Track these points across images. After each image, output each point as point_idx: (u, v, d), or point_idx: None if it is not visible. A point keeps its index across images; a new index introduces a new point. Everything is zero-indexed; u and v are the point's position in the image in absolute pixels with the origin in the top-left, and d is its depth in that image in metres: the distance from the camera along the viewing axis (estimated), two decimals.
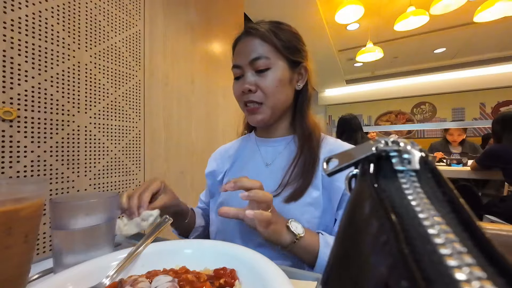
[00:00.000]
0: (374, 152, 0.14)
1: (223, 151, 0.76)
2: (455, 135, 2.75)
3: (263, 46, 0.58)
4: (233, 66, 0.62)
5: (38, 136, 0.79)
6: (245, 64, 0.59)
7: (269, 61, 0.58)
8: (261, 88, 0.58)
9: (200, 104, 1.51)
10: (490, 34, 3.65)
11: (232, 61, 0.64)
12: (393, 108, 5.92)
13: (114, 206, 0.43)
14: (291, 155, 0.62)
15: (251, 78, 0.59)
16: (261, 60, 0.57)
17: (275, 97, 0.59)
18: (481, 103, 5.09)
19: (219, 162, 0.73)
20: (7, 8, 0.72)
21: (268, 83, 0.58)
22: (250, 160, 0.67)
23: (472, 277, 0.07)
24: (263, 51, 0.58)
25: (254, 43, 0.59)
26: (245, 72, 0.60)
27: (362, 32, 3.51)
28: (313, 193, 0.56)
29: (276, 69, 0.58)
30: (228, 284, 0.32)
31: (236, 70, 0.62)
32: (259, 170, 0.63)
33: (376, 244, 0.10)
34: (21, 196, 0.32)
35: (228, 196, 0.63)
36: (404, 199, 0.11)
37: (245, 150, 0.71)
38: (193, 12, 1.46)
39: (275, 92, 0.59)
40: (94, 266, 0.35)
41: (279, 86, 0.59)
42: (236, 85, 0.62)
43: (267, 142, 0.67)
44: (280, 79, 0.58)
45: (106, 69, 0.99)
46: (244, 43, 0.60)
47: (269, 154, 0.65)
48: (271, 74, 0.58)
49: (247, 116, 0.64)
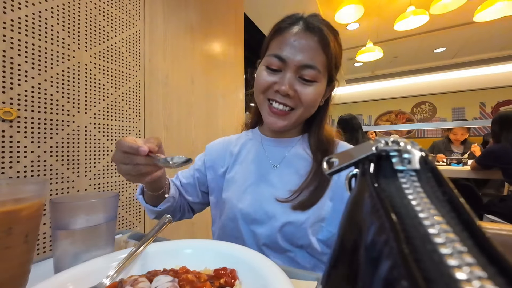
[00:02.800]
0: (374, 152, 0.14)
1: (226, 143, 0.70)
2: (459, 134, 2.76)
3: (320, 56, 0.52)
4: (275, 55, 0.53)
5: (38, 136, 0.79)
6: (293, 63, 0.52)
7: (319, 75, 0.52)
8: (299, 96, 0.53)
9: (200, 104, 1.51)
10: (490, 34, 3.65)
11: (270, 44, 0.56)
12: (393, 107, 5.92)
13: (114, 206, 0.43)
14: (299, 158, 0.59)
15: (293, 82, 0.52)
16: (313, 71, 0.52)
17: (307, 110, 0.56)
18: (481, 103, 5.09)
19: (221, 154, 0.68)
20: (7, 8, 0.72)
21: (309, 96, 0.53)
22: (256, 160, 0.63)
23: (473, 277, 0.07)
24: (318, 61, 0.52)
25: (313, 47, 0.51)
26: (287, 70, 0.52)
27: (362, 31, 3.50)
28: (324, 204, 0.54)
29: (320, 85, 0.54)
30: (228, 284, 0.32)
31: (276, 61, 0.53)
32: (266, 171, 0.60)
33: (376, 244, 0.10)
34: (21, 196, 0.32)
35: (234, 195, 0.59)
36: (404, 198, 0.11)
37: (250, 147, 0.66)
38: (193, 12, 1.46)
39: (310, 106, 0.55)
40: (94, 266, 0.35)
41: (315, 102, 0.55)
42: (268, 75, 0.54)
43: (274, 142, 0.63)
44: (318, 95, 0.55)
45: (106, 69, 0.99)
46: (303, 39, 0.52)
47: (276, 155, 0.62)
48: (314, 89, 0.53)
49: (268, 116, 0.57)
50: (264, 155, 0.63)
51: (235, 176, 0.62)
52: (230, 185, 0.62)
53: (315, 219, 0.53)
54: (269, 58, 0.54)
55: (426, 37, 3.77)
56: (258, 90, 0.57)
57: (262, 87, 0.55)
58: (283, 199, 0.54)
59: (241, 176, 0.61)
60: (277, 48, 0.53)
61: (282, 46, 0.53)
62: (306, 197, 0.53)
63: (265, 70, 0.55)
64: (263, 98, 0.57)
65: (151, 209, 0.57)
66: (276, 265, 0.34)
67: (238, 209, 0.57)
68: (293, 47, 0.51)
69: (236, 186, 0.61)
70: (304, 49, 0.51)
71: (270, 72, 0.54)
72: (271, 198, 0.55)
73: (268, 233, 0.54)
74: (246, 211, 0.56)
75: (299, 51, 0.51)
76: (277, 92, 0.53)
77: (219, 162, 0.67)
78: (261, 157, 0.62)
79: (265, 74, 0.55)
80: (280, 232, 0.53)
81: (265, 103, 0.56)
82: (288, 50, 0.52)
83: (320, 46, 0.51)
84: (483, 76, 4.87)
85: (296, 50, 0.51)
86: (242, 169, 0.63)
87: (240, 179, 0.61)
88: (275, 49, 0.54)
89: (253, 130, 0.70)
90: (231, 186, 0.61)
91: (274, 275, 0.31)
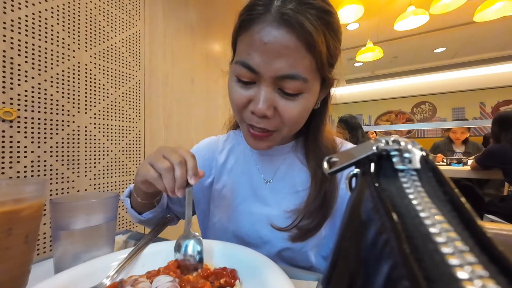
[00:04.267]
0: (375, 151, 0.14)
1: (212, 148, 0.60)
2: (458, 133, 2.75)
3: (304, 59, 0.37)
4: (243, 64, 0.39)
5: (38, 137, 0.79)
6: (268, 75, 0.38)
7: (305, 84, 0.39)
8: (281, 115, 0.41)
9: (200, 104, 1.51)
10: (490, 34, 3.64)
11: (237, 43, 0.42)
12: (393, 107, 5.91)
13: (114, 206, 0.43)
14: (294, 169, 0.51)
15: (270, 98, 0.39)
16: (296, 82, 0.38)
17: (294, 127, 0.44)
18: (481, 103, 5.09)
19: (207, 162, 0.59)
20: (7, 9, 0.72)
21: (294, 112, 0.41)
22: (244, 173, 0.54)
23: (474, 276, 0.07)
24: (304, 67, 0.38)
25: (292, 48, 0.36)
26: (261, 84, 0.39)
27: (362, 31, 3.50)
28: (326, 225, 0.46)
29: (309, 95, 0.41)
30: (229, 284, 0.32)
31: (246, 73, 0.39)
32: (257, 187, 0.52)
33: (377, 244, 0.10)
34: (21, 196, 0.32)
35: (224, 214, 0.53)
36: (405, 198, 0.11)
37: (238, 154, 0.57)
38: (193, 12, 1.46)
39: (298, 122, 0.44)
40: (94, 266, 0.35)
41: (304, 116, 0.44)
42: (241, 92, 0.42)
43: (264, 151, 0.54)
44: (309, 107, 0.43)
45: (106, 69, 0.99)
46: (277, 38, 0.36)
47: (266, 167, 0.53)
48: (301, 101, 0.40)
49: (247, 138, 0.47)
50: (255, 167, 0.54)
51: (223, 191, 0.55)
52: (219, 201, 0.55)
53: (317, 241, 0.47)
54: (237, 67, 0.40)
55: (426, 37, 3.77)
56: (233, 107, 0.45)
57: (235, 105, 0.43)
58: (279, 228, 0.46)
59: (229, 190, 0.54)
60: (245, 53, 0.39)
61: (250, 50, 0.38)
62: (307, 224, 0.44)
63: (236, 83, 0.42)
64: (239, 119, 0.45)
65: (135, 215, 0.51)
66: (276, 265, 0.34)
67: (230, 231, 0.51)
68: (265, 52, 0.37)
69: (225, 202, 0.54)
70: (281, 54, 0.37)
71: (241, 86, 0.41)
72: (265, 221, 0.48)
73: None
74: (239, 234, 0.50)
75: (274, 57, 0.37)
76: (253, 114, 0.41)
77: (205, 170, 0.56)
78: (252, 168, 0.54)
79: (236, 89, 0.42)
80: (278, 256, 0.48)
81: (244, 124, 0.45)
82: (259, 56, 0.37)
83: (302, 45, 0.36)
84: (483, 76, 4.87)
85: (269, 55, 0.37)
86: (230, 180, 0.55)
87: (229, 194, 0.54)
88: (242, 53, 0.40)
89: (240, 132, 0.60)
90: (220, 202, 0.55)
91: (275, 275, 0.31)
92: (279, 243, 0.47)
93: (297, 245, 0.46)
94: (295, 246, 0.46)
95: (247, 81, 0.41)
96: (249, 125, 0.44)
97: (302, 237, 0.44)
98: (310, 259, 0.47)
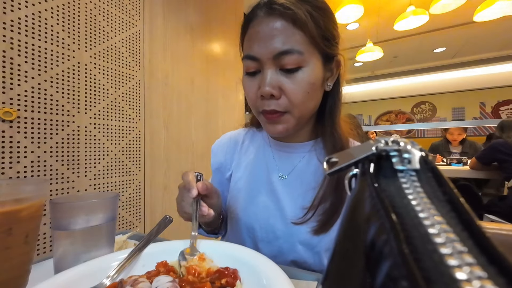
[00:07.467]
0: (374, 152, 0.14)
1: (232, 143, 0.63)
2: (455, 134, 2.77)
3: (296, 35, 0.42)
4: (246, 56, 0.46)
5: (38, 137, 0.79)
6: (267, 57, 0.43)
7: (302, 57, 0.42)
8: (287, 94, 0.44)
9: (200, 104, 1.51)
10: (489, 34, 3.65)
11: (244, 45, 0.48)
12: (393, 107, 5.91)
13: (114, 207, 0.43)
14: (311, 167, 0.52)
15: (274, 79, 0.43)
16: (292, 56, 0.42)
17: (304, 106, 0.46)
18: (481, 103, 5.09)
19: (228, 155, 0.62)
20: (7, 9, 0.72)
21: (298, 88, 0.43)
22: (261, 167, 0.56)
23: (473, 277, 0.07)
24: (296, 42, 0.42)
25: (281, 29, 0.42)
26: (264, 68, 0.44)
27: (362, 31, 3.50)
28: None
29: (309, 68, 0.43)
30: (230, 284, 0.32)
31: (251, 63, 0.45)
32: (271, 182, 0.53)
33: (376, 244, 0.10)
34: (21, 196, 0.32)
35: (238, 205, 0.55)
36: (404, 198, 0.11)
37: (255, 149, 0.59)
38: (193, 12, 1.46)
39: (305, 100, 0.45)
40: (94, 267, 0.35)
41: (310, 92, 0.45)
42: (250, 83, 0.47)
43: (283, 147, 0.55)
44: (313, 82, 0.44)
45: (106, 69, 0.99)
46: (266, 25, 0.43)
47: (284, 163, 0.54)
48: (302, 76, 0.43)
49: (264, 125, 0.50)
50: (272, 162, 0.56)
51: (238, 183, 0.57)
52: (235, 192, 0.57)
53: (330, 240, 0.47)
54: (244, 62, 0.47)
55: (426, 37, 3.77)
56: (250, 104, 0.50)
57: (249, 97, 0.49)
58: (296, 220, 0.47)
59: (245, 183, 0.56)
60: (248, 48, 0.46)
61: (250, 43, 0.45)
62: (327, 212, 0.45)
63: (246, 77, 0.48)
64: (256, 111, 0.49)
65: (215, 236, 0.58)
66: (276, 265, 0.34)
67: (242, 222, 0.53)
68: (261, 39, 0.43)
69: (240, 194, 0.56)
70: (273, 35, 0.42)
71: (250, 78, 0.47)
72: (278, 216, 0.50)
73: (275, 253, 0.49)
74: (251, 226, 0.52)
75: (268, 40, 0.42)
76: (263, 99, 0.45)
77: (226, 163, 0.62)
78: (268, 165, 0.56)
79: (247, 82, 0.48)
80: (289, 254, 0.49)
81: (259, 114, 0.49)
82: (257, 45, 0.44)
83: (289, 23, 0.42)
84: (483, 76, 4.87)
85: (264, 41, 0.43)
86: (247, 173, 0.57)
87: (244, 187, 0.56)
88: (246, 49, 0.47)
89: (262, 130, 0.62)
90: (235, 194, 0.57)
91: (275, 275, 0.31)
92: (291, 238, 0.48)
93: (309, 243, 0.47)
94: (308, 244, 0.47)
95: (253, 71, 0.46)
96: (263, 111, 0.47)
97: (323, 227, 0.46)
98: (323, 262, 0.47)
